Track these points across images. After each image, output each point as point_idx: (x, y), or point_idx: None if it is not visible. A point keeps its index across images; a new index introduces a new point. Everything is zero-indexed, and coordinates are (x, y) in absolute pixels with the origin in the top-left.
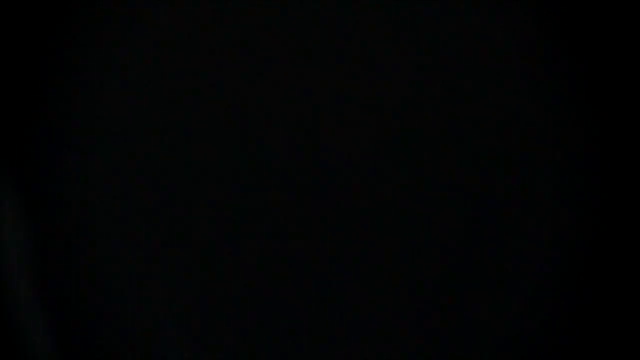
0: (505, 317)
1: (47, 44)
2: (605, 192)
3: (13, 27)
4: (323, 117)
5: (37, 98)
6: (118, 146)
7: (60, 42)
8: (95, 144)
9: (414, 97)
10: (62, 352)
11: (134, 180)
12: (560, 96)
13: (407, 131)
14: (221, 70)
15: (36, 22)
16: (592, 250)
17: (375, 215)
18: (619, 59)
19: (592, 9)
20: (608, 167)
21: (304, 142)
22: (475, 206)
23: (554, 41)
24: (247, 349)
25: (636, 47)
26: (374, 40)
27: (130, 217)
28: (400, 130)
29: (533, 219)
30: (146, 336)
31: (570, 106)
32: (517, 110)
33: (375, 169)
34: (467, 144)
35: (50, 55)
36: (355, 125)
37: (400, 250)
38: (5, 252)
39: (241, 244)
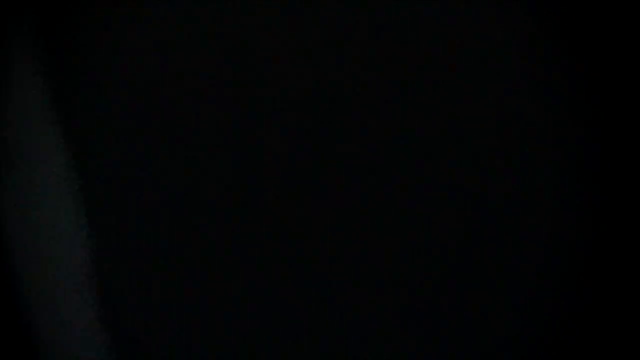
0: (505, 317)
1: (47, 44)
2: (605, 192)
3: (13, 26)
4: (323, 116)
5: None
6: (118, 146)
7: (61, 42)
8: (95, 143)
9: (414, 96)
10: (62, 352)
11: (134, 180)
12: (560, 96)
13: (407, 131)
14: (221, 70)
15: (36, 22)
16: (592, 250)
17: (375, 215)
18: (619, 59)
19: (592, 9)
20: (608, 167)
21: (304, 142)
22: (475, 206)
23: (554, 41)
24: (247, 349)
25: (636, 47)
26: (373, 40)
27: (131, 216)
28: (400, 130)
29: (533, 219)
30: (146, 336)
31: (570, 106)
32: (517, 110)
33: (374, 169)
34: (467, 143)
35: (51, 55)
36: (354, 125)
37: (400, 250)
38: (6, 251)
39: (241, 244)
